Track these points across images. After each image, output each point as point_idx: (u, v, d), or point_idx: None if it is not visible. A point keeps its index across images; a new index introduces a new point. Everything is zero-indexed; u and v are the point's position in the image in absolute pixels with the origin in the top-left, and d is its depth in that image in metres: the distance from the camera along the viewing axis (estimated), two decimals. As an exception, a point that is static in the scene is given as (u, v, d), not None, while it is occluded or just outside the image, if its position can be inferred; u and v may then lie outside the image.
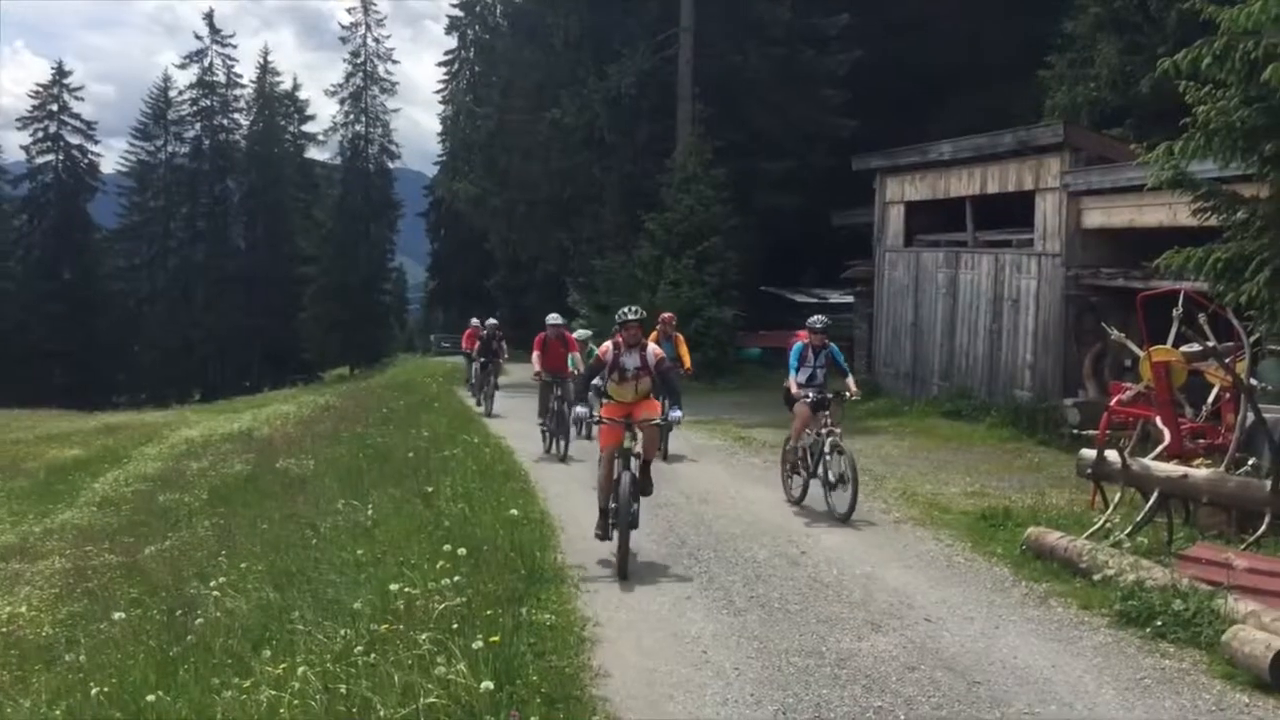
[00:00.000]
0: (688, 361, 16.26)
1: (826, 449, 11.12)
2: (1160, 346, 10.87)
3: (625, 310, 9.59)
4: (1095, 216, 17.63)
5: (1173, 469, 9.49)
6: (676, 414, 9.36)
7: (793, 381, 11.58)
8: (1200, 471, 9.45)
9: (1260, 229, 10.09)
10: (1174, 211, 14.25)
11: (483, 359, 21.81)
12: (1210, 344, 10.50)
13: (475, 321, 25.24)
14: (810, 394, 11.51)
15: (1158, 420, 10.66)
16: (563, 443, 15.40)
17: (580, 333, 18.53)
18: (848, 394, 11.63)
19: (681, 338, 16.47)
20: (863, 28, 30.83)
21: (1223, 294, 10.19)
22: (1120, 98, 20.96)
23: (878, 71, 31.03)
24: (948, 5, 30.74)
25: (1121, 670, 6.40)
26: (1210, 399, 11.02)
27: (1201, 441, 10.53)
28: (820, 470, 11.28)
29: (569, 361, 15.90)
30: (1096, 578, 7.95)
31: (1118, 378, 14.73)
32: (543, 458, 15.32)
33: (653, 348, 9.60)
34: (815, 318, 12.02)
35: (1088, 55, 22.35)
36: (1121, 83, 20.86)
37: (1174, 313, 11.11)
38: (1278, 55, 9.01)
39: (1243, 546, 8.37)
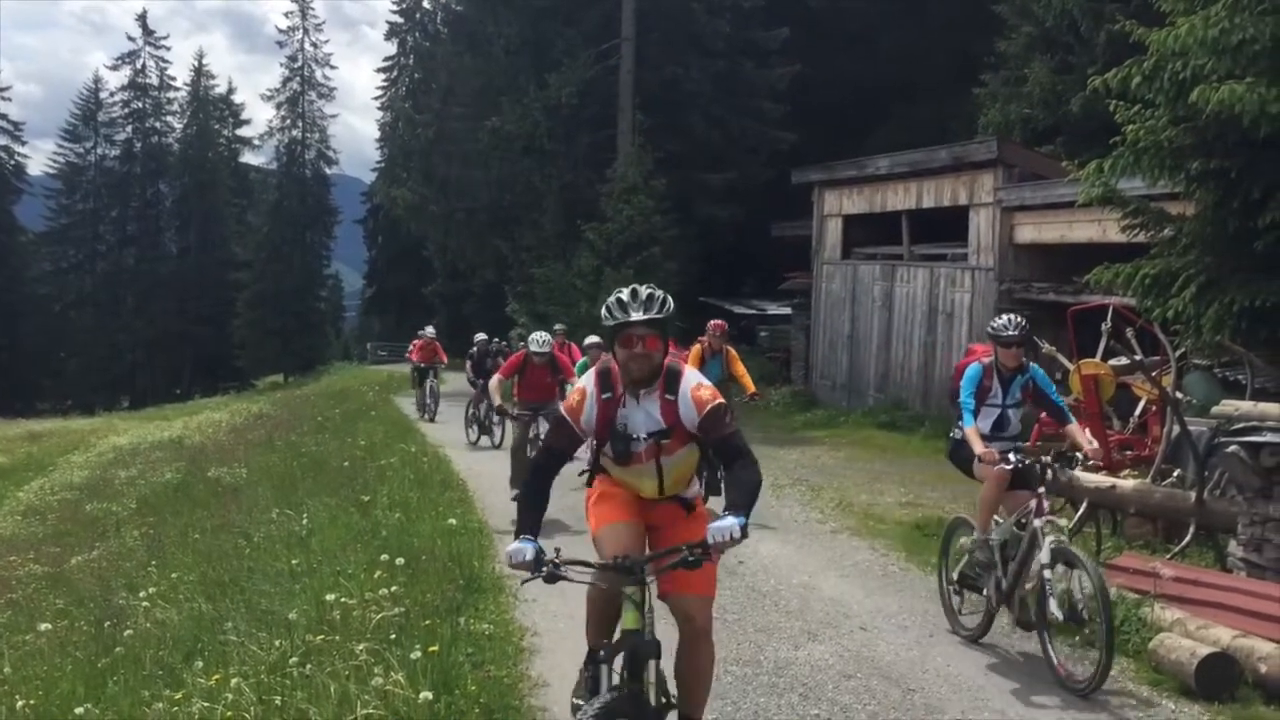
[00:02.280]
0: (750, 383, 11.74)
1: (1045, 557, 6.29)
2: (1089, 360, 11.10)
3: (622, 296, 4.55)
4: (1027, 232, 17.99)
5: (1101, 480, 9.71)
6: (729, 523, 4.13)
7: (972, 432, 6.79)
8: (1127, 483, 9.67)
9: (1186, 246, 10.35)
10: (1104, 228, 14.61)
11: (480, 381, 17.71)
12: (1138, 358, 10.76)
13: (429, 331, 23.14)
14: (1011, 456, 6.72)
15: (1087, 432, 10.88)
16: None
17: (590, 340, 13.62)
18: (1079, 456, 6.92)
19: (734, 353, 11.92)
20: (802, 42, 31.15)
21: (1150, 309, 10.43)
22: (1051, 116, 21.37)
23: (817, 85, 31.37)
24: (886, 21, 31.22)
25: (1052, 677, 6.50)
26: (1137, 412, 11.29)
27: (1129, 453, 10.76)
28: (1028, 591, 6.51)
29: (563, 389, 10.93)
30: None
31: (1049, 390, 14.99)
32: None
33: (691, 380, 4.63)
34: (1004, 318, 6.99)
35: (1020, 74, 22.78)
36: (1053, 101, 21.27)
37: (1103, 327, 11.40)
38: (1205, 76, 9.25)
39: (1169, 556, 8.56)
